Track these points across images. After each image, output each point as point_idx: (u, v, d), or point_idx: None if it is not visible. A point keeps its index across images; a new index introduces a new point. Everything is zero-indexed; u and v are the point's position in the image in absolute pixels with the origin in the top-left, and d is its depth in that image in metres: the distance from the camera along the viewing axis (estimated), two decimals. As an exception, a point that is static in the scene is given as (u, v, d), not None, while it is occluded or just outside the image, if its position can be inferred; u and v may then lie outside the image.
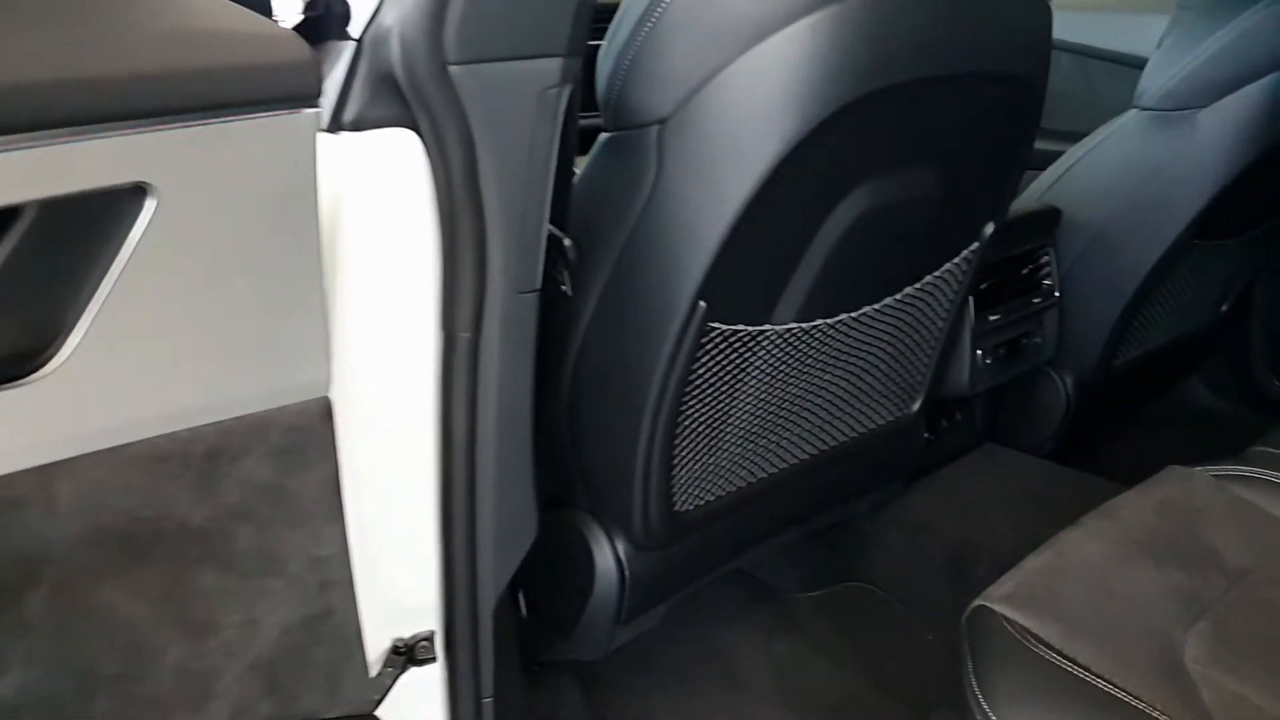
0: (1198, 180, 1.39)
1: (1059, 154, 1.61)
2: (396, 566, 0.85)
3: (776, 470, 1.16)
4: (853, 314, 1.07)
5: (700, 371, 0.96)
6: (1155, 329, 1.67)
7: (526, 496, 0.87)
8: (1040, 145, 1.97)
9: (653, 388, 0.93)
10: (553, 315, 0.94)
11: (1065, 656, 0.79)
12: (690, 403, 0.98)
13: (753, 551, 1.30)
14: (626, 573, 1.05)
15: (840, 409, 1.19)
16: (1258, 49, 1.32)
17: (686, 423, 0.99)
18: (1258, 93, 1.32)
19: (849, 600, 1.49)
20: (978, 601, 0.86)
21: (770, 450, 1.13)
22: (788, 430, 1.13)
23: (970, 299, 1.36)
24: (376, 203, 0.73)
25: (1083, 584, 0.88)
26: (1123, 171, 1.46)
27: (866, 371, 1.18)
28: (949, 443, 1.60)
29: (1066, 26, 2.19)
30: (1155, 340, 1.70)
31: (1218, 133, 1.36)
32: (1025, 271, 1.46)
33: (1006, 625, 0.82)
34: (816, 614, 1.47)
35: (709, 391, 0.99)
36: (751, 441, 1.09)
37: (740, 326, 0.96)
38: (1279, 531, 0.99)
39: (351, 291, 0.73)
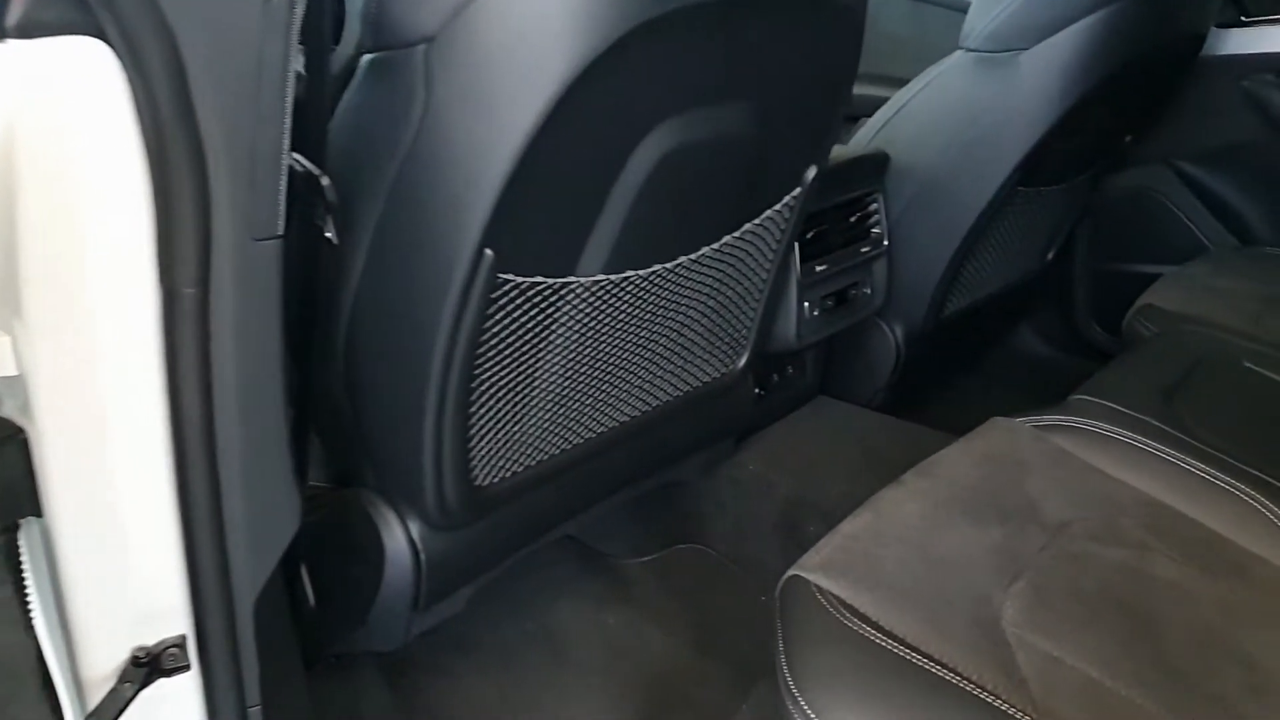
0: (1021, 124, 1.37)
1: (893, 101, 1.57)
2: (133, 566, 0.72)
3: (594, 435, 1.07)
4: (668, 265, 0.99)
5: (495, 330, 0.86)
6: (984, 278, 1.66)
7: (283, 479, 0.75)
8: (875, 92, 1.95)
9: (438, 349, 0.82)
10: (318, 268, 0.82)
11: (880, 629, 0.74)
12: (486, 365, 0.88)
13: (573, 522, 1.22)
14: (422, 555, 0.94)
15: (661, 367, 1.11)
16: (1077, -14, 1.30)
17: (483, 388, 0.89)
18: (1078, 34, 1.30)
19: (682, 563, 1.43)
20: (791, 571, 0.80)
21: (585, 415, 1.04)
22: (604, 392, 1.05)
23: (795, 249, 1.31)
24: (61, 130, 0.59)
25: (901, 547, 0.83)
26: (949, 115, 1.42)
27: (687, 326, 1.11)
28: (781, 397, 1.56)
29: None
30: (984, 289, 1.69)
31: (1040, 75, 1.33)
32: (853, 219, 1.41)
33: (820, 597, 0.76)
34: (649, 579, 1.41)
35: (508, 353, 0.89)
36: (563, 406, 1.00)
37: (539, 279, 0.86)
38: (1096, 481, 0.97)
39: (38, 243, 0.59)
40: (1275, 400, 1.16)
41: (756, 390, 1.47)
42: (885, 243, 1.48)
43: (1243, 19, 1.73)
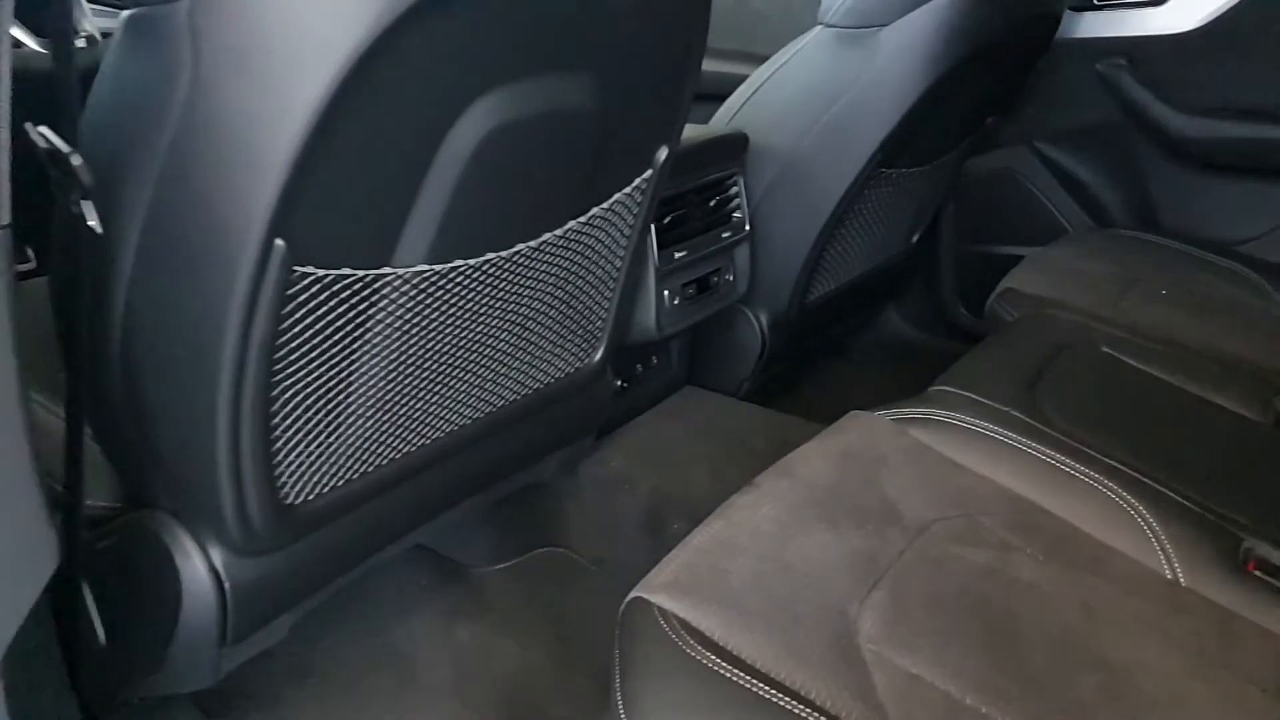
0: (882, 103, 1.33)
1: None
2: None
3: (429, 442, 0.98)
4: (504, 253, 0.90)
5: (296, 330, 0.75)
6: (848, 262, 1.63)
7: (30, 511, 0.63)
8: (740, 70, 1.89)
9: (226, 353, 0.71)
10: (81, 261, 0.70)
11: (727, 655, 0.67)
12: (288, 371, 0.77)
13: (420, 531, 1.12)
14: (226, 585, 0.83)
15: (505, 364, 1.02)
16: (936, -38, 1.26)
17: (288, 395, 0.79)
18: (937, 11, 1.26)
19: (542, 569, 1.35)
20: (634, 593, 0.72)
21: (417, 420, 0.94)
22: (438, 395, 0.95)
23: (652, 235, 1.24)
24: None
25: (753, 558, 0.77)
26: (809, 94, 1.37)
27: (533, 320, 1.02)
28: (645, 389, 1.49)
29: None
30: (849, 274, 1.66)
31: (900, 52, 1.29)
32: (713, 204, 1.35)
33: (662, 621, 0.69)
34: (507, 587, 1.32)
35: (315, 355, 0.78)
36: (388, 412, 0.90)
37: (346, 271, 0.76)
38: (957, 477, 0.93)
39: None
40: (1132, 387, 1.15)
41: (619, 383, 1.40)
42: (747, 227, 1.42)
43: (1095, 2, 1.74)
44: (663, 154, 1.04)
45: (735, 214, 1.41)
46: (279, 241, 0.68)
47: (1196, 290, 1.50)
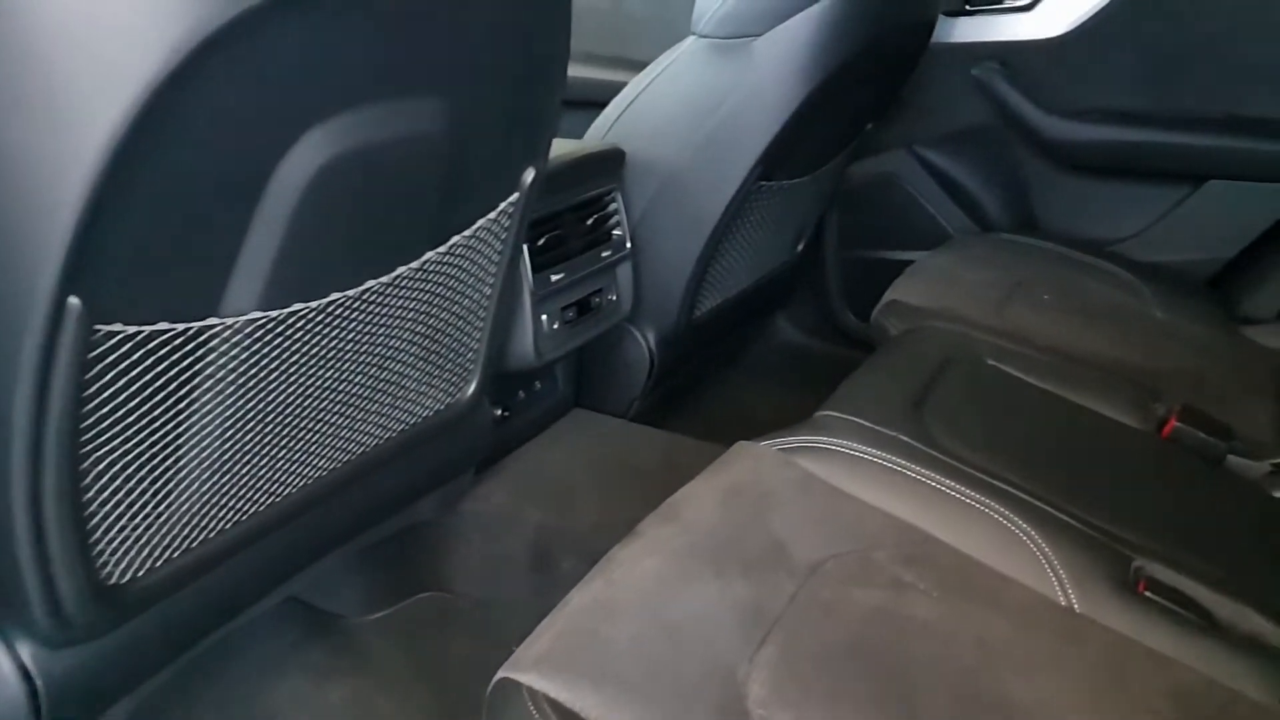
0: (759, 114, 1.29)
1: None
2: None
3: (282, 498, 0.89)
4: (351, 292, 0.82)
5: (106, 395, 0.66)
6: (735, 275, 1.59)
7: None
8: (617, 77, 1.84)
9: (18, 425, 0.62)
10: None
11: (605, 739, 0.61)
12: (101, 438, 0.68)
13: (275, 593, 1.03)
14: (38, 682, 0.73)
15: (365, 409, 0.94)
16: (808, -30, 1.23)
17: (103, 466, 0.69)
18: (811, 20, 1.23)
19: (422, 615, 1.27)
20: (501, 673, 0.65)
21: (264, 478, 0.86)
22: (287, 448, 0.87)
23: (525, 258, 1.17)
24: None
25: (634, 620, 0.71)
26: (685, 106, 1.33)
27: (394, 358, 0.94)
28: (529, 416, 1.42)
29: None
30: (736, 286, 1.63)
31: (775, 62, 1.25)
32: (590, 222, 1.29)
33: (532, 707, 0.63)
34: (383, 638, 1.24)
35: (132, 420, 0.69)
36: (229, 473, 0.81)
37: (163, 326, 0.67)
38: (848, 509, 0.89)
39: None
40: (1017, 399, 1.14)
41: (499, 412, 1.33)
42: (628, 245, 1.37)
43: (968, 6, 1.75)
44: (530, 176, 0.97)
45: (615, 231, 1.35)
46: (74, 300, 0.59)
47: (1076, 294, 1.51)
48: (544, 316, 1.22)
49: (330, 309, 0.81)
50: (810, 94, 1.28)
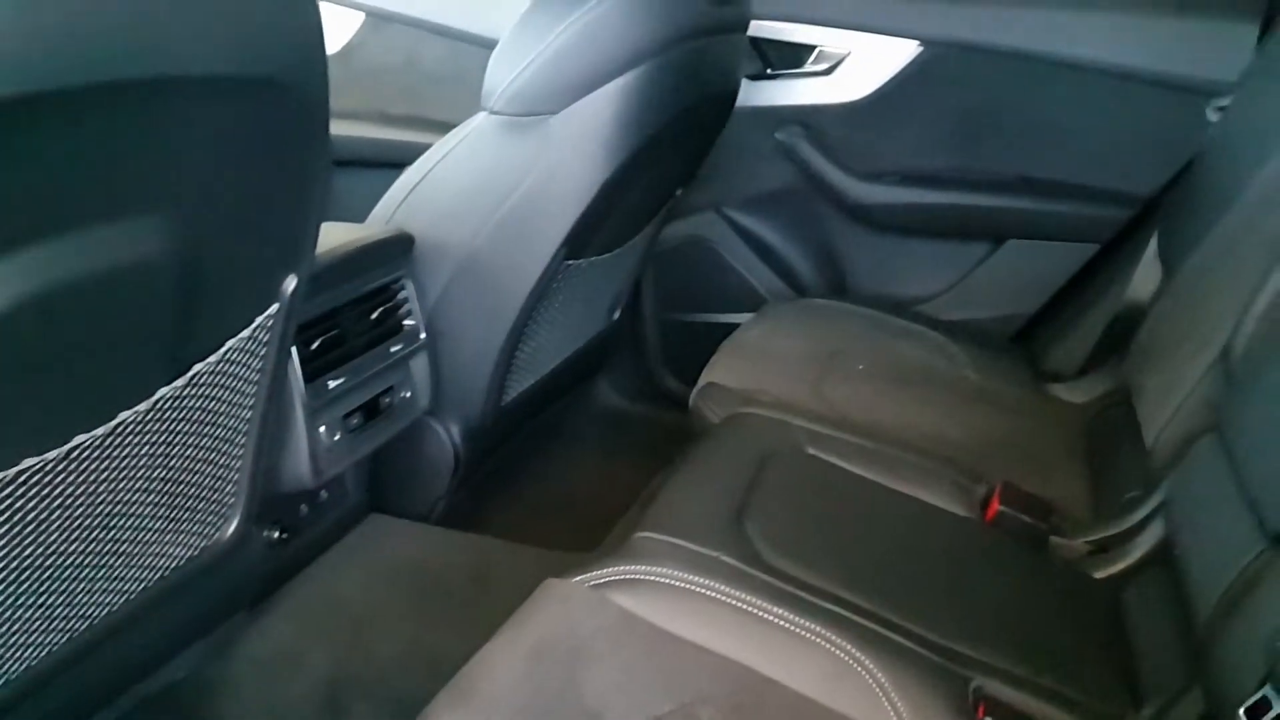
0: (560, 196, 1.20)
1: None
2: None
3: (12, 675, 0.72)
4: (50, 455, 0.66)
5: None
6: (546, 354, 1.49)
7: None
8: (419, 138, 1.71)
9: None
10: None
11: None
12: None
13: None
14: None
15: (93, 576, 0.78)
16: (604, 47, 1.14)
17: None
18: (610, 97, 1.15)
19: (194, 782, 1.08)
20: None
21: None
22: (6, 625, 0.70)
23: (295, 368, 1.02)
24: None
25: None
26: (480, 186, 1.21)
27: (121, 516, 0.78)
28: (317, 530, 1.26)
29: (441, 7, 1.96)
30: (548, 364, 1.52)
31: (575, 141, 1.16)
32: (377, 315, 1.15)
33: None
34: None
35: None
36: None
37: None
38: (670, 654, 0.80)
39: None
40: (840, 495, 1.08)
41: (277, 534, 1.16)
42: (422, 335, 1.24)
43: (769, 71, 1.72)
44: (291, 284, 0.84)
45: (407, 321, 1.22)
46: None
47: (890, 360, 1.49)
48: (322, 428, 1.07)
49: (29, 478, 0.65)
50: (614, 171, 1.20)
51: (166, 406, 0.76)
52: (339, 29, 1.94)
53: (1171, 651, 0.89)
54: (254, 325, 0.83)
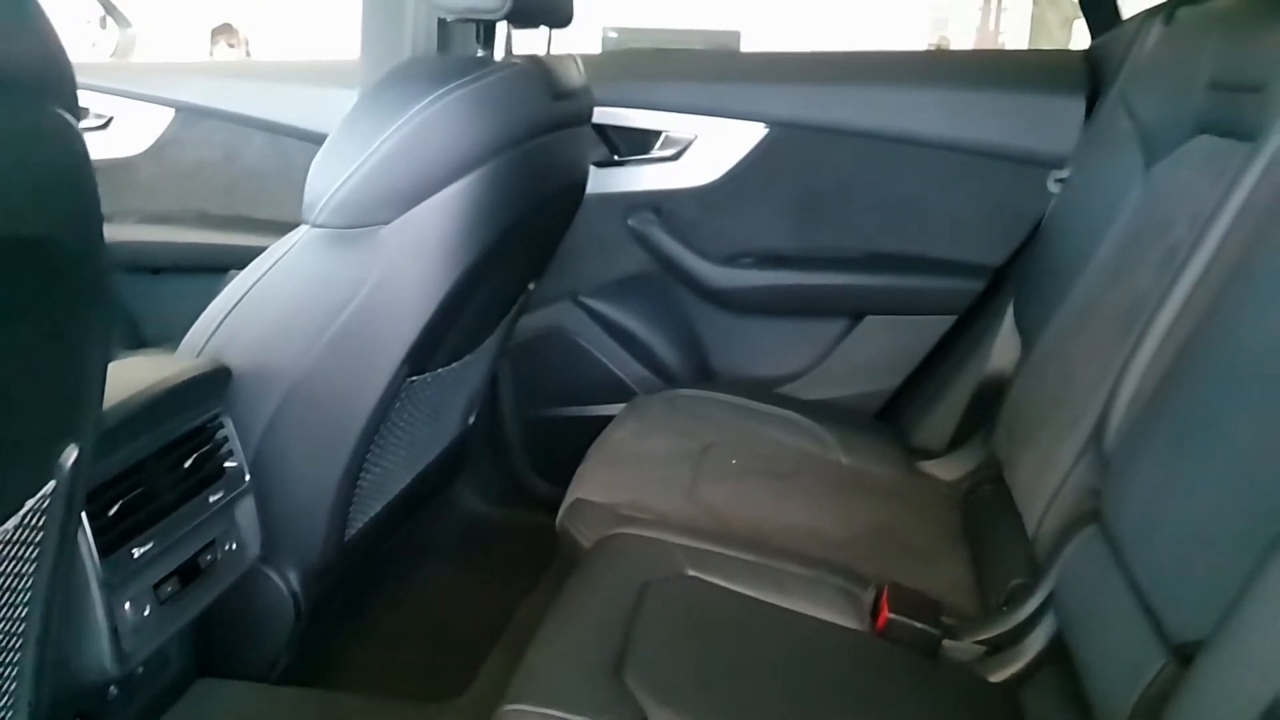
0: (397, 310, 1.09)
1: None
2: None
3: None
4: None
5: None
6: (394, 476, 1.36)
7: None
8: (245, 241, 1.57)
9: None
10: None
11: None
12: None
13: None
14: None
15: None
16: (435, 152, 1.05)
17: None
18: (447, 203, 1.05)
19: None
20: None
21: None
22: None
23: (89, 540, 0.87)
24: None
25: None
26: (305, 305, 1.09)
27: None
28: (130, 713, 1.08)
29: (278, 104, 1.82)
30: (398, 485, 1.39)
31: (409, 252, 1.06)
32: (190, 463, 1.01)
33: None
34: None
35: None
36: None
37: None
38: None
39: None
40: (724, 623, 1.00)
41: (76, 723, 0.99)
42: (247, 477, 1.10)
43: (616, 158, 1.67)
44: (72, 455, 0.70)
45: (228, 464, 1.07)
46: None
47: (763, 451, 1.44)
48: (127, 605, 0.91)
49: None
50: (457, 280, 1.10)
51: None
52: (147, 125, 1.79)
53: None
54: (24, 510, 0.69)
